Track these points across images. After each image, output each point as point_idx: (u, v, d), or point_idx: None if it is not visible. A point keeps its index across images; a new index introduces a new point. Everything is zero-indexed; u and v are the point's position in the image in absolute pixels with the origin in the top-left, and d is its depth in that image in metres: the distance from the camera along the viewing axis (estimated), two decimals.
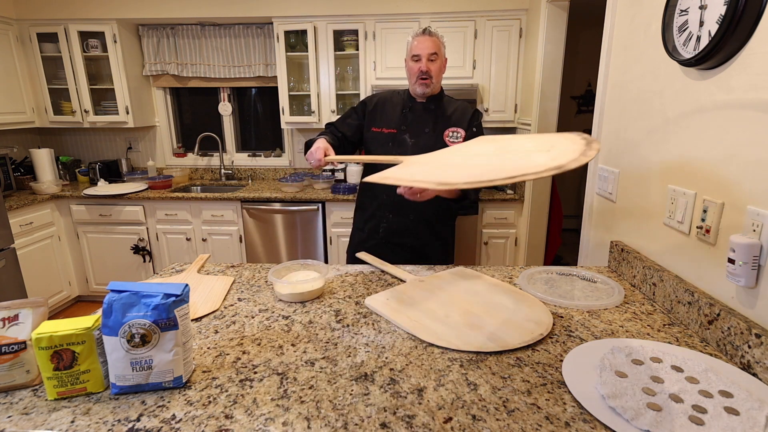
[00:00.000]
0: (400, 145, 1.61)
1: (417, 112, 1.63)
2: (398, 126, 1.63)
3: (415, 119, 1.62)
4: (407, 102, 1.65)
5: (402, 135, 1.62)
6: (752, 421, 0.67)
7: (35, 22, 3.13)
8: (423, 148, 1.48)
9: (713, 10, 0.96)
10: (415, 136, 1.61)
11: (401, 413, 0.72)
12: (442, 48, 1.58)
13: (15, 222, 2.74)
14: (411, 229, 1.63)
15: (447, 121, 1.60)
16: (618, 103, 1.47)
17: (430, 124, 1.61)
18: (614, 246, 1.40)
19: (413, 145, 1.60)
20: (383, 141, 1.64)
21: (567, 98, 4.34)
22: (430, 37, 1.54)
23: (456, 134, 1.59)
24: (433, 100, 1.63)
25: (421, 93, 1.59)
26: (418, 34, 1.57)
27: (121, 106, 3.25)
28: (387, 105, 1.67)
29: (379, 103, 1.69)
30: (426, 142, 1.59)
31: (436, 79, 1.57)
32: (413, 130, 1.61)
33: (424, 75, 1.54)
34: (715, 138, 0.99)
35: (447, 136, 1.58)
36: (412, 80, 1.58)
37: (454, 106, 1.64)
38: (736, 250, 0.87)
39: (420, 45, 1.53)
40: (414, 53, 1.55)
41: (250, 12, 3.06)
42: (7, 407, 0.73)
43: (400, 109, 1.65)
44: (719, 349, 0.92)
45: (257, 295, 1.20)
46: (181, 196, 3.04)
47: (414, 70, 1.56)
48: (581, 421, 0.70)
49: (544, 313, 1.06)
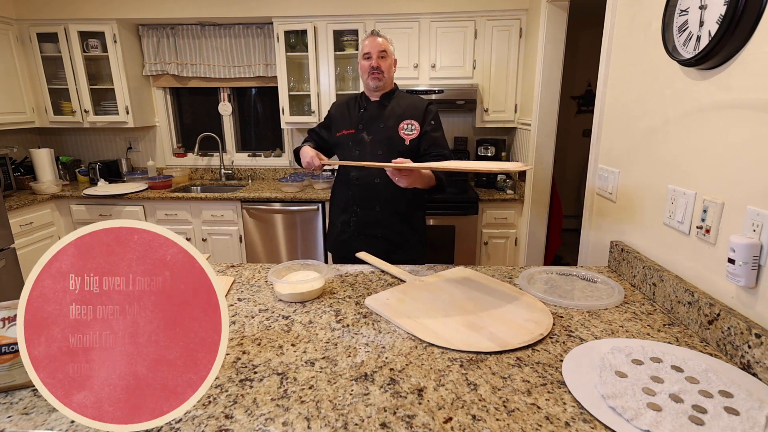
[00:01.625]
0: (359, 143, 1.73)
1: (371, 110, 1.75)
2: (356, 126, 1.75)
3: (370, 117, 1.74)
4: (362, 102, 1.78)
5: (360, 134, 1.74)
6: (752, 421, 0.67)
7: (35, 22, 3.13)
8: (380, 143, 1.68)
9: (713, 10, 0.96)
10: (372, 133, 1.72)
11: (401, 413, 0.72)
12: (390, 47, 1.72)
13: (15, 222, 2.74)
14: (381, 221, 1.72)
15: (401, 115, 1.72)
16: (618, 103, 1.47)
17: (384, 119, 1.72)
18: (614, 246, 1.40)
19: (371, 141, 1.71)
20: (344, 142, 1.76)
21: (567, 98, 4.34)
22: (378, 37, 1.70)
23: (410, 126, 1.70)
24: (387, 97, 1.75)
25: (374, 87, 1.71)
26: (367, 36, 1.72)
27: (121, 106, 3.24)
28: (344, 109, 1.82)
29: (338, 110, 1.84)
30: (382, 136, 1.71)
31: (387, 74, 1.70)
32: (369, 127, 1.73)
33: (375, 70, 1.67)
34: (715, 138, 0.99)
35: (401, 129, 1.70)
36: (365, 76, 1.71)
37: (408, 101, 1.77)
38: (736, 250, 0.87)
39: (370, 44, 1.68)
40: (365, 52, 1.69)
41: (250, 12, 3.06)
42: (7, 407, 0.73)
43: (357, 110, 1.78)
44: (719, 349, 0.92)
45: (257, 295, 1.20)
46: (181, 196, 3.04)
47: (366, 67, 1.70)
48: (581, 421, 0.70)
49: (544, 313, 1.06)
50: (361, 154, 1.72)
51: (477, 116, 3.09)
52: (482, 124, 3.11)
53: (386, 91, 1.75)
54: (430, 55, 3.00)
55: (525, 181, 2.91)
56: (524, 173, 2.92)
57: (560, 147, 3.87)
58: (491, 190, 3.11)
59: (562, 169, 4.44)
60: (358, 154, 1.72)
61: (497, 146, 3.16)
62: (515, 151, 3.26)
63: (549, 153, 2.77)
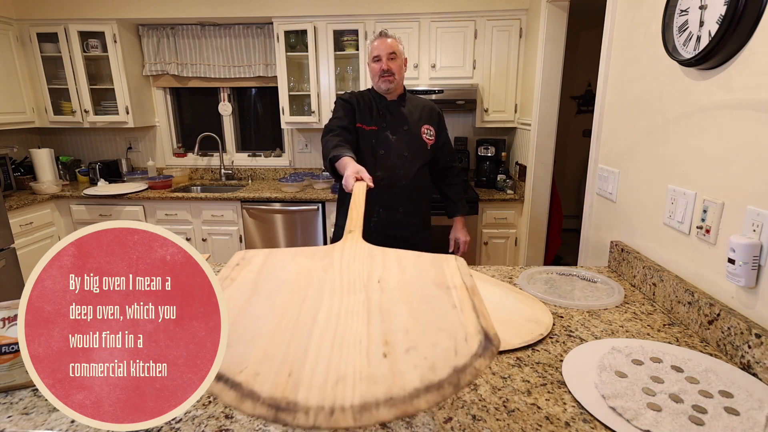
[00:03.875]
0: (384, 142, 1.72)
1: (393, 111, 1.74)
2: (378, 124, 1.73)
3: (393, 118, 1.73)
4: (380, 101, 1.75)
5: (384, 132, 1.72)
6: (752, 421, 0.67)
7: (35, 22, 3.13)
8: (406, 144, 1.70)
9: (713, 10, 0.96)
10: (397, 134, 1.72)
11: None
12: (400, 47, 1.70)
13: (15, 222, 2.73)
14: (402, 221, 1.72)
15: (419, 119, 1.75)
16: (618, 103, 1.47)
17: (406, 121, 1.73)
18: (614, 246, 1.40)
19: (396, 141, 1.72)
20: (366, 137, 1.74)
21: (567, 98, 4.34)
22: (387, 38, 1.67)
23: (429, 132, 1.75)
24: (402, 98, 1.76)
25: (386, 89, 1.69)
26: (376, 37, 1.69)
27: (121, 106, 3.24)
28: (363, 102, 1.79)
29: (358, 102, 1.81)
30: (407, 138, 1.72)
31: (398, 76, 1.68)
32: (393, 127, 1.73)
33: (385, 73, 1.66)
34: (715, 138, 0.99)
35: (423, 133, 1.73)
36: (376, 79, 1.70)
37: (421, 104, 1.78)
38: (736, 250, 0.87)
39: (379, 46, 1.66)
40: (374, 54, 1.68)
41: (250, 12, 3.06)
42: (7, 407, 0.73)
43: (376, 108, 1.75)
44: (719, 349, 0.91)
45: None
46: (181, 196, 3.04)
47: (376, 70, 1.68)
48: (581, 421, 0.70)
49: (544, 313, 1.06)
50: (386, 154, 1.70)
51: (477, 116, 3.09)
52: (482, 124, 3.11)
53: (400, 92, 1.75)
54: (430, 55, 3.00)
55: (525, 181, 2.91)
56: (524, 173, 2.92)
57: (560, 147, 3.87)
58: (491, 190, 3.11)
59: (562, 169, 4.44)
60: (384, 153, 1.70)
61: (497, 146, 3.16)
62: (515, 151, 3.26)
63: (549, 153, 2.77)
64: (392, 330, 0.55)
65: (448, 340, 0.52)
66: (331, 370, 0.49)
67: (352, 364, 0.50)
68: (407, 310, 0.59)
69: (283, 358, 0.51)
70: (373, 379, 0.48)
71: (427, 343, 0.52)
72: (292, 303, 0.62)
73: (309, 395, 0.46)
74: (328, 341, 0.54)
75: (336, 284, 0.66)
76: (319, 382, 0.48)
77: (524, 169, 2.94)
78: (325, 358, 0.51)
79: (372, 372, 0.49)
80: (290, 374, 0.49)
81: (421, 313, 0.58)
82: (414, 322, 0.56)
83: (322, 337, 0.55)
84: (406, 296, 0.62)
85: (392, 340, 0.53)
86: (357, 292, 0.63)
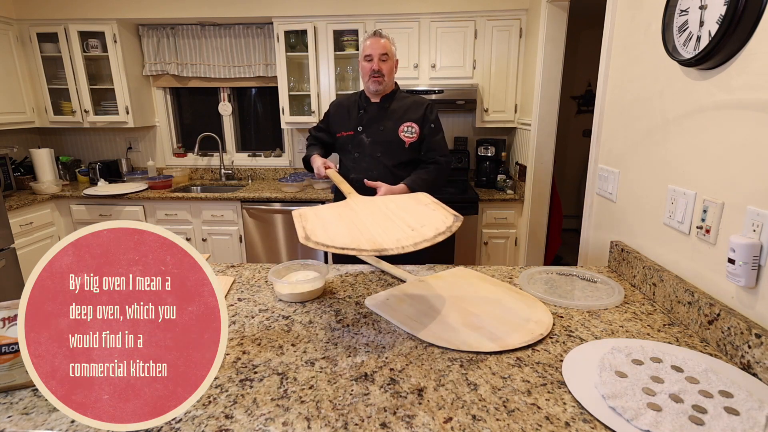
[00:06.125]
0: (359, 145, 1.72)
1: (372, 112, 1.73)
2: (355, 127, 1.73)
3: (370, 119, 1.72)
4: (362, 103, 1.75)
5: (359, 135, 1.72)
6: (752, 421, 0.67)
7: (35, 22, 3.13)
8: (379, 144, 1.69)
9: (713, 10, 0.96)
10: (371, 135, 1.71)
11: (401, 413, 0.72)
12: (393, 48, 1.70)
13: (15, 222, 2.73)
14: None
15: (401, 117, 1.71)
16: (618, 103, 1.47)
17: (383, 121, 1.71)
18: (614, 246, 1.40)
19: (369, 143, 1.70)
20: (344, 143, 1.75)
21: (567, 98, 4.34)
22: (380, 38, 1.66)
23: (411, 129, 1.70)
24: (387, 98, 1.74)
25: (374, 90, 1.69)
26: (369, 36, 1.68)
27: (121, 106, 3.24)
28: (343, 110, 1.79)
29: (337, 110, 1.81)
30: (381, 138, 1.70)
31: (387, 78, 1.68)
32: (369, 129, 1.72)
33: (376, 73, 1.65)
34: (715, 138, 0.99)
35: (401, 132, 1.70)
36: (365, 78, 1.69)
37: (409, 102, 1.74)
38: (736, 250, 0.87)
39: (372, 46, 1.65)
40: (366, 53, 1.67)
41: (250, 12, 3.06)
42: (7, 407, 0.74)
43: (356, 111, 1.75)
44: (719, 349, 0.92)
45: (257, 295, 1.20)
46: (181, 196, 3.04)
47: (367, 69, 1.67)
48: (581, 421, 0.70)
49: (544, 313, 1.06)
50: (361, 156, 1.72)
51: (477, 116, 3.09)
52: (482, 124, 3.11)
53: (387, 93, 1.74)
54: (430, 55, 3.00)
55: (525, 181, 2.91)
56: (524, 173, 2.92)
57: (560, 147, 3.87)
58: (491, 190, 3.11)
59: (562, 169, 4.44)
60: (358, 156, 1.72)
61: (497, 146, 3.16)
62: (515, 151, 3.26)
63: (549, 153, 2.77)
64: (409, 223, 1.07)
65: (439, 220, 1.08)
66: (390, 237, 0.99)
67: (399, 235, 1.00)
68: (411, 215, 1.12)
69: (364, 237, 1.00)
70: (413, 237, 0.99)
71: (429, 223, 1.06)
72: (348, 221, 1.11)
73: (388, 246, 0.95)
74: (381, 229, 1.05)
75: (365, 210, 1.18)
76: (388, 240, 0.97)
77: (524, 169, 2.94)
78: (383, 234, 1.01)
79: (411, 234, 1.00)
80: (374, 242, 0.97)
81: (420, 214, 1.12)
82: (418, 218, 1.10)
83: (375, 228, 1.06)
84: (407, 210, 1.15)
85: (412, 225, 1.06)
86: (379, 212, 1.16)
